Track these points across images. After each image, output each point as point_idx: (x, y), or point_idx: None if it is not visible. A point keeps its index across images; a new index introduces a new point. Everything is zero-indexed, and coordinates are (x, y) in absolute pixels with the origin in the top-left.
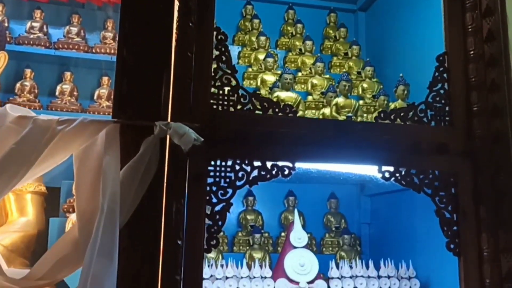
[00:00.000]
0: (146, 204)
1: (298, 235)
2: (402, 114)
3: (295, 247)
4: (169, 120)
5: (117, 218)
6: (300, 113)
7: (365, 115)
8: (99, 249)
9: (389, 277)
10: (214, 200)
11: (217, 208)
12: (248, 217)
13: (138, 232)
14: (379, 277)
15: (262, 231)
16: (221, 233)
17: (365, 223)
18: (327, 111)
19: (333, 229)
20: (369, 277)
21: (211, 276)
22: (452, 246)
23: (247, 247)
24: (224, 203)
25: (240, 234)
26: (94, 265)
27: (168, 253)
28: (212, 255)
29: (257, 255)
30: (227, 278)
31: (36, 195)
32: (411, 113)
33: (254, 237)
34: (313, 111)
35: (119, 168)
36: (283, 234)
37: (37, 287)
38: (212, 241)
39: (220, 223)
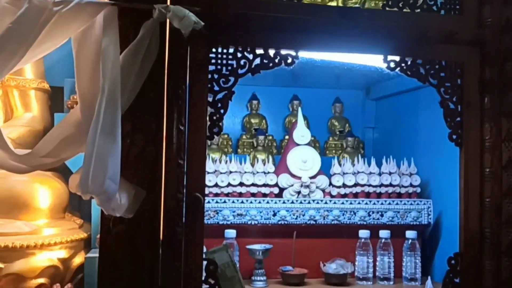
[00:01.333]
0: (148, 91)
1: (301, 133)
2: (411, 1)
3: (298, 144)
4: (168, 3)
5: (118, 99)
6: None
7: (372, 4)
8: (102, 128)
9: (390, 173)
10: (216, 88)
11: (219, 96)
12: (252, 120)
13: (141, 116)
14: (380, 174)
15: (266, 134)
16: (225, 136)
17: (369, 127)
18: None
19: (337, 133)
20: (370, 173)
21: (215, 171)
22: (454, 137)
23: (251, 149)
24: (226, 91)
25: (244, 137)
26: (97, 144)
27: (171, 137)
28: (216, 155)
29: (261, 156)
30: (231, 172)
31: (40, 92)
32: (420, 0)
33: (258, 139)
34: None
35: (118, 51)
36: (287, 137)
37: (43, 166)
38: (214, 129)
39: (222, 111)
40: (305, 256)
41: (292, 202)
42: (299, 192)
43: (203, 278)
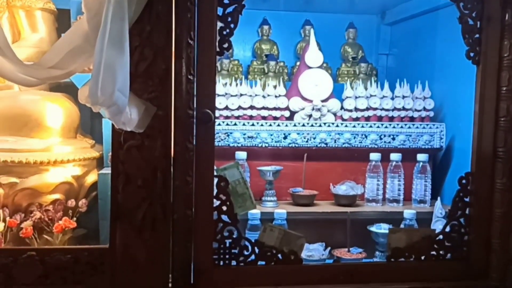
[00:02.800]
0: (156, 3)
1: (313, 55)
2: None
3: (309, 67)
4: None
5: (125, 9)
6: None
7: None
8: (109, 38)
9: (403, 97)
10: (226, 1)
11: (229, 9)
12: (263, 46)
13: (149, 30)
14: (393, 98)
15: (278, 60)
16: (236, 62)
17: (384, 54)
18: None
19: (350, 59)
20: (383, 97)
21: (226, 94)
22: (472, 54)
23: (262, 75)
24: (236, 5)
25: (255, 63)
26: (105, 53)
27: (180, 52)
28: (226, 80)
29: (272, 82)
30: (241, 95)
31: (46, 12)
32: None
33: (269, 65)
34: None
35: None
36: (298, 63)
37: (51, 78)
38: (224, 44)
39: (232, 25)
40: (315, 178)
41: (303, 125)
42: (310, 116)
43: (214, 194)
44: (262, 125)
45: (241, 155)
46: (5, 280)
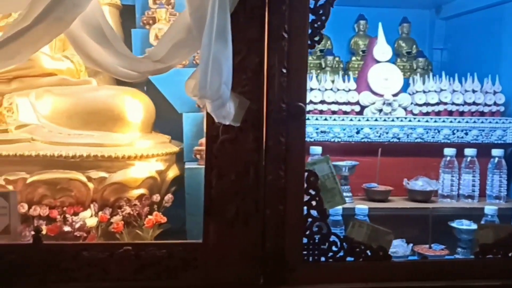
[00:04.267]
0: None
1: (382, 49)
2: None
3: (378, 61)
4: None
5: (227, 1)
6: None
7: None
8: (216, 32)
9: (473, 91)
10: None
11: (321, 1)
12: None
13: (242, 22)
14: (463, 92)
15: (334, 55)
16: None
17: (438, 48)
18: None
19: (405, 54)
20: (454, 91)
21: None
22: None
23: (319, 71)
24: None
25: (310, 58)
26: (213, 47)
27: (273, 45)
28: None
29: (329, 77)
30: (311, 89)
31: (113, 8)
32: None
33: (326, 60)
34: None
35: None
36: (354, 58)
37: (154, 72)
38: (315, 37)
39: (323, 18)
40: (387, 174)
41: (376, 120)
42: (380, 110)
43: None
44: (334, 119)
45: (316, 149)
46: (101, 274)
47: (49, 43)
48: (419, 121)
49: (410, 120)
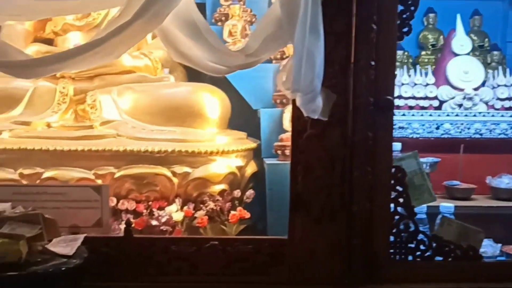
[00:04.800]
0: None
1: (461, 42)
2: None
3: (457, 54)
4: None
5: None
6: None
7: None
8: (310, 25)
9: None
10: None
11: None
12: None
13: (332, 13)
14: None
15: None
16: None
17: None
18: None
19: (477, 47)
20: None
21: None
22: None
23: None
24: None
25: None
26: (307, 41)
27: (362, 37)
28: None
29: (399, 71)
30: None
31: None
32: None
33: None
34: None
35: None
36: (423, 53)
37: (242, 66)
38: (404, 28)
39: (412, 8)
40: (468, 171)
41: (457, 115)
42: (460, 105)
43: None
44: (413, 115)
45: (396, 146)
46: (189, 269)
47: (143, 39)
48: (502, 116)
49: (493, 115)
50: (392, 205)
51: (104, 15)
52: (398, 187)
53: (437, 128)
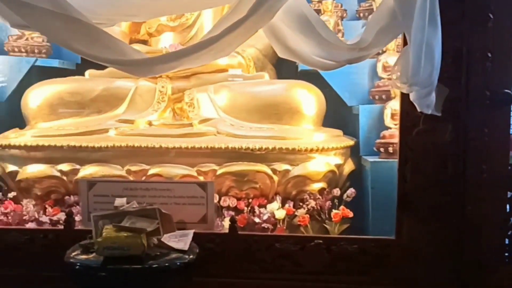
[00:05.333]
0: None
1: None
2: None
3: None
4: None
5: None
6: None
7: None
8: (429, 16)
9: None
10: None
11: None
12: None
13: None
14: None
15: None
16: None
17: None
18: None
19: None
20: None
21: None
22: None
23: None
24: None
25: None
26: (426, 32)
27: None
28: None
29: None
30: None
31: None
32: None
33: None
34: None
35: None
36: None
37: (351, 60)
38: None
39: None
40: None
41: None
42: None
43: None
44: None
45: None
46: (293, 267)
47: (253, 35)
48: None
49: None
50: (508, 206)
51: (197, 15)
52: None
53: None
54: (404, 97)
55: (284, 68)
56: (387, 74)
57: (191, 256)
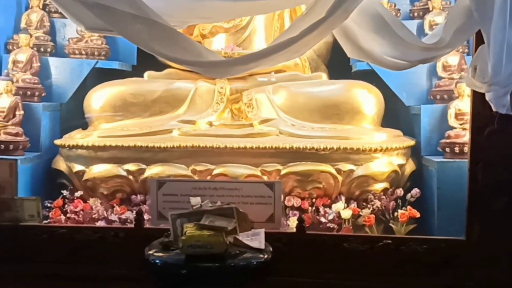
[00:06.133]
0: None
1: None
2: None
3: None
4: None
5: None
6: None
7: None
8: (510, 18)
9: None
10: None
11: None
12: None
13: None
14: None
15: None
16: None
17: None
18: None
19: None
20: None
21: None
22: None
23: None
24: None
25: None
26: (507, 32)
27: None
28: None
29: None
30: None
31: None
32: None
33: None
34: None
35: None
36: None
37: (423, 61)
38: None
39: None
40: None
41: None
42: None
43: None
44: None
45: None
46: (361, 267)
47: (325, 37)
48: None
49: None
50: None
51: (250, 17)
52: None
53: None
54: (475, 97)
55: (336, 68)
56: (447, 73)
57: (266, 256)
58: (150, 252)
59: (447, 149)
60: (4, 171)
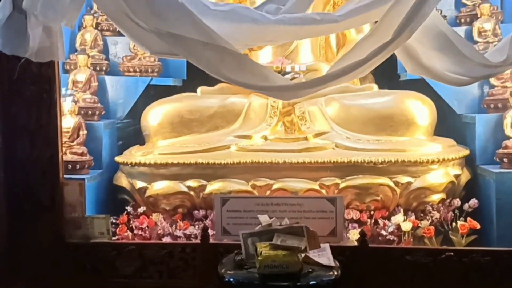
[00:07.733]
0: None
1: None
2: None
3: None
4: None
5: None
6: None
7: None
8: None
9: None
10: None
11: None
12: None
13: None
14: None
15: None
16: None
17: None
18: None
19: None
20: None
21: None
22: None
23: None
24: None
25: None
26: None
27: None
28: None
29: None
30: None
31: None
32: None
33: None
34: None
35: None
36: None
37: (488, 76)
38: None
39: None
40: None
41: None
42: None
43: None
44: None
45: None
46: (424, 280)
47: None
48: None
49: None
50: None
51: None
52: None
53: None
54: None
55: (383, 76)
56: (500, 82)
57: (336, 273)
58: (223, 270)
59: (505, 159)
60: (74, 190)
